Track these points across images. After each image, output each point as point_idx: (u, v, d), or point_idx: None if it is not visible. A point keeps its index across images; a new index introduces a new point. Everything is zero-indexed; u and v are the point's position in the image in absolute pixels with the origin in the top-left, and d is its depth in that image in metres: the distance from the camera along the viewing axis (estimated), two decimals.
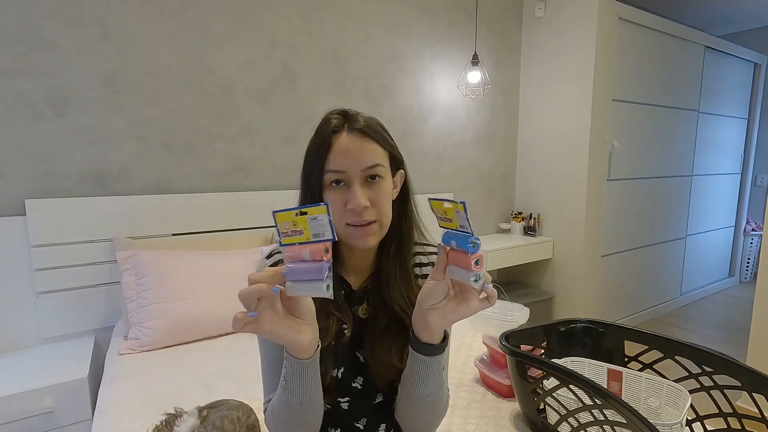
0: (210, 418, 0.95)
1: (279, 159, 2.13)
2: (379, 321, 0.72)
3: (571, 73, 2.65)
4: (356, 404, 0.74)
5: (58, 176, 1.66)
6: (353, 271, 0.75)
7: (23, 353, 1.60)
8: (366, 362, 0.73)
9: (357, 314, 0.74)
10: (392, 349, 0.71)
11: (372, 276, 0.75)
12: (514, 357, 0.99)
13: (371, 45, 2.36)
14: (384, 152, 0.69)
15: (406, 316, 0.71)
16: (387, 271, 0.73)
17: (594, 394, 0.83)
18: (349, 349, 0.73)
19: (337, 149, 0.65)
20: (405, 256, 0.74)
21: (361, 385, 0.73)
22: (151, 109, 1.81)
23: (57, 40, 1.61)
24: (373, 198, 0.66)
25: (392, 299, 0.71)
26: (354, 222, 0.65)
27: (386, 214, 0.69)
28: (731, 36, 4.12)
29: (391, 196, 0.70)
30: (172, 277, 1.60)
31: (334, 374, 0.72)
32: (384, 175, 0.68)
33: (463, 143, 2.81)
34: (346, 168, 0.65)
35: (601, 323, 1.19)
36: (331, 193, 0.66)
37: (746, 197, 4.04)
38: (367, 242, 0.67)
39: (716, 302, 3.67)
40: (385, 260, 0.74)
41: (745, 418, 0.91)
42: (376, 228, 0.67)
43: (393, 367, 0.71)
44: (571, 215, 2.76)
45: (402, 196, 0.75)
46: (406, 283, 0.73)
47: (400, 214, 0.75)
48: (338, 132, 0.66)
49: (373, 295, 0.74)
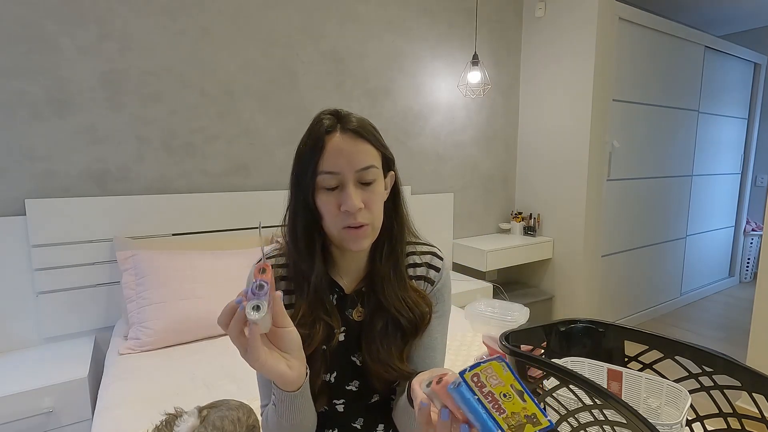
0: (210, 418, 0.95)
1: (279, 159, 2.13)
2: (376, 323, 0.71)
3: (571, 73, 2.65)
4: (352, 406, 0.74)
5: (58, 176, 1.66)
6: (346, 274, 0.75)
7: (23, 353, 1.60)
8: (364, 365, 0.72)
9: (351, 318, 0.73)
10: (392, 350, 0.71)
11: (365, 278, 0.75)
12: (514, 357, 0.99)
13: (371, 45, 2.35)
14: (377, 153, 0.68)
15: (401, 317, 0.71)
16: (381, 272, 0.72)
17: (594, 394, 0.83)
18: (343, 354, 0.72)
19: (330, 150, 0.64)
20: (398, 257, 0.74)
21: (356, 387, 0.73)
22: (151, 109, 1.81)
23: (57, 40, 1.61)
24: (366, 200, 0.65)
25: (388, 301, 0.71)
26: (348, 225, 0.65)
27: (378, 217, 0.68)
28: (731, 36, 4.12)
29: (383, 198, 0.70)
30: (172, 277, 1.60)
31: (326, 379, 0.71)
32: (377, 177, 0.67)
33: (463, 143, 2.81)
34: (340, 169, 0.64)
35: (601, 323, 1.19)
36: (324, 195, 0.65)
37: (746, 197, 4.04)
38: (361, 245, 0.67)
39: (716, 302, 3.67)
40: (378, 262, 0.73)
41: (745, 418, 0.91)
42: (369, 231, 0.67)
43: (395, 369, 0.70)
44: (571, 215, 2.76)
45: (392, 197, 0.74)
46: (400, 284, 0.72)
47: (391, 215, 0.74)
48: (331, 132, 0.65)
49: (367, 297, 0.74)
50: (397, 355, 0.71)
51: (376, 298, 0.72)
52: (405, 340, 0.72)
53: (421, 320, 0.72)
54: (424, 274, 0.77)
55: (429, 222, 2.68)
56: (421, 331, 0.73)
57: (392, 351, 0.71)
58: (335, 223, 0.65)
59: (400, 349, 0.72)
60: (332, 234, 0.67)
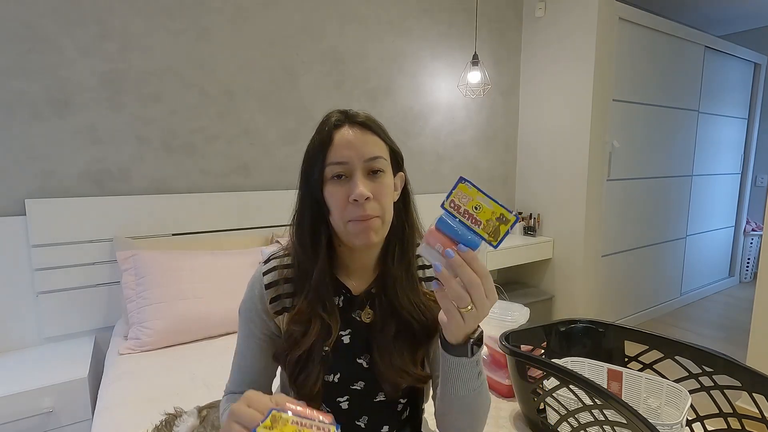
0: (209, 418, 0.95)
1: (279, 159, 2.13)
2: (389, 328, 0.70)
3: (571, 73, 2.65)
4: (356, 403, 0.73)
5: (58, 176, 1.66)
6: (354, 275, 0.73)
7: (23, 353, 1.60)
8: (374, 369, 0.70)
9: (360, 319, 0.72)
10: (405, 354, 0.69)
11: (376, 280, 0.73)
12: (514, 357, 0.99)
13: (371, 45, 2.36)
14: (385, 146, 0.68)
15: (414, 321, 0.69)
16: (393, 274, 0.71)
17: (594, 394, 0.83)
18: (349, 356, 0.71)
19: (338, 142, 0.64)
20: (410, 259, 0.72)
21: (361, 387, 0.72)
22: (151, 109, 1.81)
23: (57, 40, 1.61)
24: (375, 191, 0.64)
25: (401, 304, 0.69)
26: (356, 217, 0.63)
27: (388, 211, 0.67)
28: (731, 36, 4.12)
29: (393, 193, 0.69)
30: (172, 277, 1.60)
31: (329, 379, 0.70)
32: (385, 169, 0.66)
33: (463, 143, 2.81)
34: (348, 159, 0.64)
35: (601, 323, 1.19)
36: (333, 186, 0.64)
37: (746, 197, 4.04)
38: (370, 237, 0.64)
39: (716, 302, 3.67)
40: (390, 263, 0.71)
41: (745, 418, 0.91)
42: (378, 223, 0.65)
43: (409, 374, 0.69)
44: (571, 215, 2.76)
45: (403, 199, 0.74)
46: (411, 287, 0.71)
47: (402, 216, 0.73)
48: (339, 126, 0.66)
49: (379, 299, 0.72)
50: (411, 360, 0.70)
51: (388, 301, 0.70)
52: (416, 345, 0.71)
53: (434, 324, 0.69)
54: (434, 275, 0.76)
55: (429, 222, 2.67)
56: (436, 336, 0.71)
57: (406, 356, 0.69)
58: (343, 216, 0.64)
59: (413, 353, 0.70)
60: (339, 228, 0.66)
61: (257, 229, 2.04)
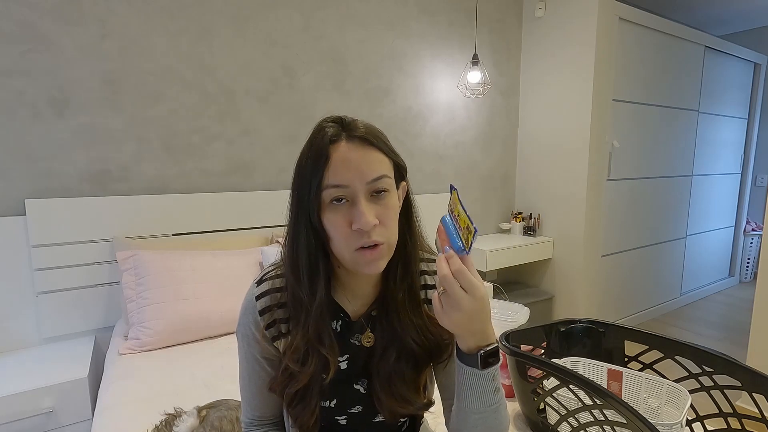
0: (209, 418, 0.95)
1: (279, 159, 2.13)
2: (389, 354, 0.65)
3: (571, 73, 2.65)
4: (355, 422, 0.71)
5: (58, 176, 1.66)
6: (353, 297, 0.68)
7: (23, 353, 1.60)
8: (372, 396, 0.67)
9: (359, 344, 0.68)
10: (407, 380, 0.66)
11: (377, 301, 0.68)
12: (514, 357, 0.99)
13: (371, 45, 2.36)
14: (389, 162, 0.61)
15: (416, 345, 0.65)
16: (395, 297, 0.65)
17: (594, 394, 0.83)
18: (345, 381, 0.68)
19: (336, 161, 0.56)
20: (413, 280, 0.67)
21: (359, 410, 0.70)
22: (151, 109, 1.81)
23: (57, 40, 1.61)
24: (380, 215, 0.58)
25: (403, 329, 0.65)
26: (362, 245, 0.57)
27: (394, 233, 0.61)
28: (731, 36, 4.12)
29: (397, 212, 0.63)
30: (172, 277, 1.60)
31: (326, 405, 0.68)
32: (390, 188, 0.60)
33: (463, 143, 2.81)
34: (349, 182, 0.56)
35: (601, 323, 1.19)
36: (332, 213, 0.58)
37: (746, 197, 4.04)
38: (378, 267, 0.59)
39: (716, 302, 3.66)
40: (392, 285, 0.66)
41: (745, 418, 0.91)
42: (385, 250, 0.59)
43: (411, 403, 0.66)
44: (571, 215, 2.76)
45: (405, 211, 0.67)
46: (414, 309, 0.66)
47: (405, 230, 0.66)
48: (336, 141, 0.58)
49: (380, 323, 0.67)
50: (413, 387, 0.67)
51: (389, 325, 0.66)
52: (419, 370, 0.68)
53: (437, 350, 0.67)
54: None
55: (429, 223, 2.67)
56: (442, 360, 0.69)
57: (408, 382, 0.66)
58: (347, 245, 0.58)
59: (415, 379, 0.67)
60: (343, 257, 0.59)
61: (257, 229, 2.04)
